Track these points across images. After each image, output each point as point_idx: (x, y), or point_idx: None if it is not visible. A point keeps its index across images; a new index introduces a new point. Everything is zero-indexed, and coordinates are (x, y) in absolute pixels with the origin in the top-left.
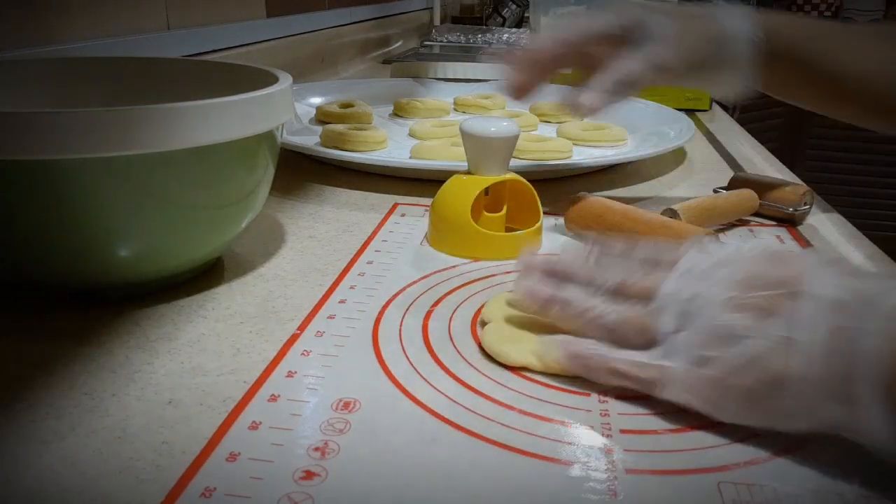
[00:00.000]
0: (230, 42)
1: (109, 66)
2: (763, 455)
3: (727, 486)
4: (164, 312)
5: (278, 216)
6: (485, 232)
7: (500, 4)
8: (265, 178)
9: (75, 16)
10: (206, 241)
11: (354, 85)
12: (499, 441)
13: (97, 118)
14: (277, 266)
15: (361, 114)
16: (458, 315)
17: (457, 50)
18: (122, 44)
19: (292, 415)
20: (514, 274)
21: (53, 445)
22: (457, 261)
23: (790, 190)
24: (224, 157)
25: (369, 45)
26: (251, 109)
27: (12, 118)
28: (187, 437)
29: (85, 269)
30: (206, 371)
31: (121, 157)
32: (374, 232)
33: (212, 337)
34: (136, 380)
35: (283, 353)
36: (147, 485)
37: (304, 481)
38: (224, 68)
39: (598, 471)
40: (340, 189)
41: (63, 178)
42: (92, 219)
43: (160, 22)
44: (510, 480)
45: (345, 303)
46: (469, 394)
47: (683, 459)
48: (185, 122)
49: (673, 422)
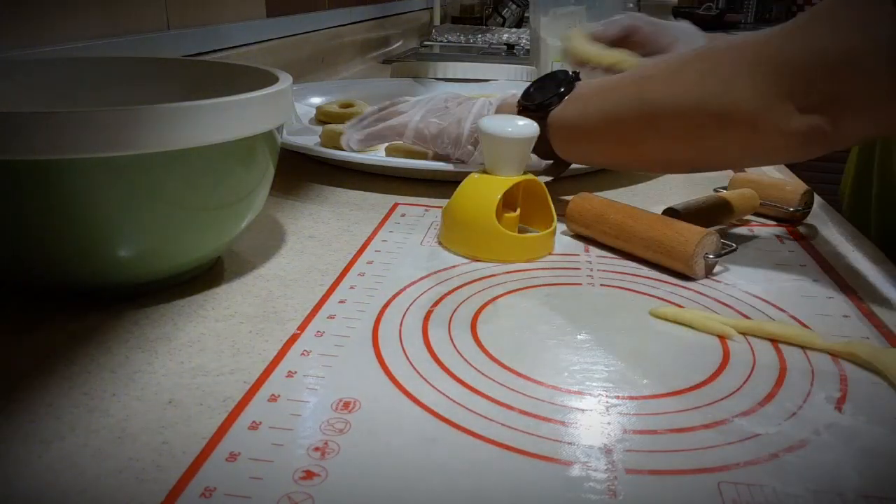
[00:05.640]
0: (230, 42)
1: (109, 66)
2: (763, 455)
3: (727, 486)
4: (164, 312)
5: (278, 216)
6: (507, 233)
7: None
8: (265, 179)
9: (75, 16)
10: (206, 241)
11: (354, 85)
12: (499, 441)
13: (97, 118)
14: (277, 266)
15: (361, 114)
16: (458, 315)
17: (457, 50)
18: (122, 44)
19: (292, 415)
20: (516, 274)
21: (53, 445)
22: (457, 260)
23: (790, 190)
24: (224, 157)
25: (369, 45)
26: (251, 109)
27: (12, 118)
28: (187, 437)
29: (85, 269)
30: (206, 371)
31: (121, 157)
32: (374, 232)
33: (212, 337)
34: (135, 380)
35: (283, 353)
36: (147, 485)
37: (304, 481)
38: (224, 68)
39: (598, 471)
40: (340, 189)
41: (63, 178)
42: (92, 219)
43: (160, 22)
44: (510, 480)
45: (345, 303)
46: (469, 394)
47: (683, 459)
48: (185, 122)
49: (673, 422)
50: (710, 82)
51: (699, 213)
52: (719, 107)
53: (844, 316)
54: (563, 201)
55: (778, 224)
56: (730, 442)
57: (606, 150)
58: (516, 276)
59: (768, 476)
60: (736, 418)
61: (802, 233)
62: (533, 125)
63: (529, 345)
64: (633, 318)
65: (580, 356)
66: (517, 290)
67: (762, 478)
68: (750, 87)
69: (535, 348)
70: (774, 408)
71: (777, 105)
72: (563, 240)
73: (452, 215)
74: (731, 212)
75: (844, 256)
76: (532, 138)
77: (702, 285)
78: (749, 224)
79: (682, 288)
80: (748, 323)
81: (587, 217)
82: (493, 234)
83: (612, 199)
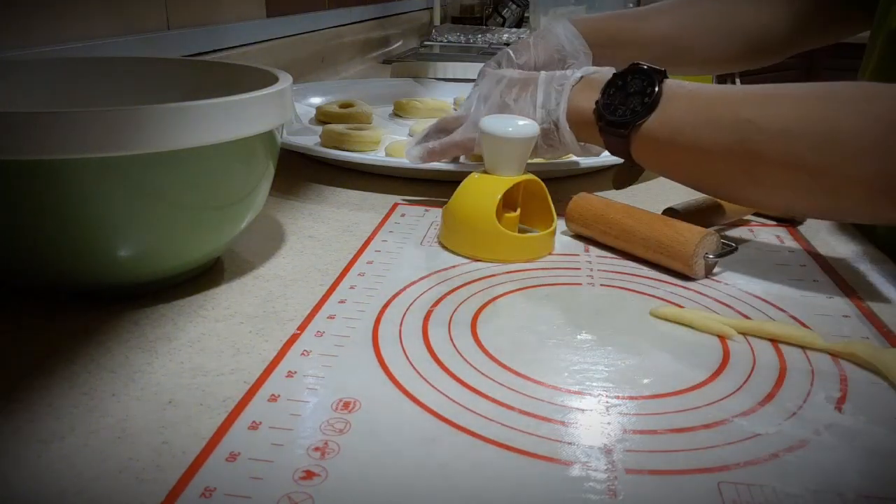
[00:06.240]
0: (230, 42)
1: (109, 66)
2: (763, 455)
3: (727, 486)
4: (164, 312)
5: (278, 216)
6: (507, 233)
7: (500, 4)
8: (265, 179)
9: (75, 15)
10: (206, 241)
11: (354, 85)
12: (499, 441)
13: (97, 118)
14: (277, 266)
15: (361, 114)
16: (458, 315)
17: (457, 50)
18: (122, 44)
19: (292, 415)
20: (516, 273)
21: (53, 445)
22: (457, 260)
23: None
24: (224, 157)
25: (369, 45)
26: (251, 109)
27: (12, 118)
28: (187, 437)
29: (85, 269)
30: (206, 371)
31: (121, 157)
32: (374, 232)
33: (212, 337)
34: (135, 380)
35: (283, 353)
36: (147, 485)
37: (304, 481)
38: (224, 68)
39: (598, 471)
40: (340, 189)
41: (63, 178)
42: (92, 219)
43: (160, 22)
44: (510, 480)
45: (345, 303)
46: (469, 394)
47: (683, 459)
48: (185, 122)
49: (673, 422)
50: (828, 150)
51: (699, 213)
52: (839, 177)
53: (844, 316)
54: (563, 201)
55: (778, 224)
56: (730, 442)
57: (693, 178)
58: (516, 276)
59: (768, 476)
60: (736, 418)
61: (802, 233)
62: (533, 125)
63: (529, 345)
64: (633, 318)
65: (580, 356)
66: (517, 290)
67: (762, 478)
68: (876, 162)
69: (535, 348)
70: (774, 408)
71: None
72: (563, 240)
73: (452, 215)
74: (731, 212)
75: (844, 256)
76: (532, 138)
77: (702, 285)
78: (749, 224)
79: (682, 288)
80: (748, 323)
81: (587, 217)
82: (494, 234)
83: (612, 199)
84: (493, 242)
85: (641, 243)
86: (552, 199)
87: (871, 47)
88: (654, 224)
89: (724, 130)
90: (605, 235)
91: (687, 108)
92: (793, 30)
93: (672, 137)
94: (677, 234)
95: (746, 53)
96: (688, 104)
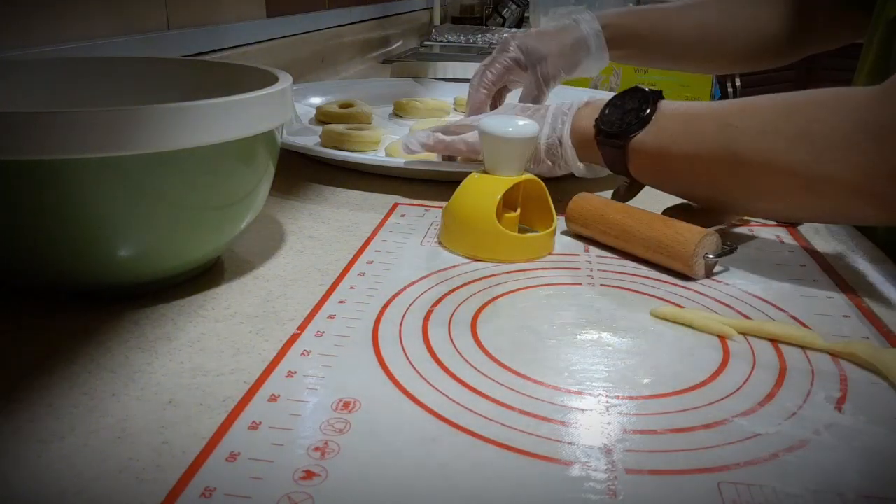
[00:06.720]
0: (230, 42)
1: (109, 66)
2: (763, 455)
3: (727, 486)
4: (164, 312)
5: (278, 216)
6: (507, 233)
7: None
8: (265, 179)
9: (75, 15)
10: (206, 241)
11: (354, 85)
12: (499, 441)
13: (97, 118)
14: (277, 266)
15: (361, 114)
16: (458, 315)
17: (457, 50)
18: (122, 44)
19: (292, 415)
20: (516, 273)
21: (53, 445)
22: (457, 260)
23: None
24: (224, 157)
25: (369, 45)
26: (251, 109)
27: (12, 118)
28: (187, 437)
29: (85, 269)
30: (206, 371)
31: (121, 157)
32: (374, 232)
33: (212, 337)
34: (135, 380)
35: (283, 353)
36: (147, 485)
37: (304, 481)
38: (224, 68)
39: (598, 471)
40: (340, 189)
41: (63, 178)
42: (92, 219)
43: (160, 22)
44: (510, 480)
45: (345, 303)
46: (469, 394)
47: (683, 459)
48: (185, 122)
49: (673, 422)
50: (802, 149)
51: (699, 213)
52: (812, 175)
53: (844, 316)
54: (563, 201)
55: (778, 224)
56: (730, 442)
57: (685, 187)
58: (516, 276)
59: (768, 476)
60: (736, 418)
61: (802, 232)
62: (533, 125)
63: (529, 345)
64: (633, 318)
65: (580, 356)
66: (517, 290)
67: (762, 478)
68: (846, 159)
69: (535, 348)
70: (774, 408)
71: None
72: (563, 240)
73: (452, 215)
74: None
75: (844, 256)
76: (532, 138)
77: (702, 285)
78: (749, 224)
79: (682, 288)
80: (748, 323)
81: (587, 217)
82: (494, 234)
83: (611, 199)
84: (493, 242)
85: (641, 243)
86: (552, 199)
87: (869, 40)
88: (654, 224)
89: (711, 137)
90: (605, 235)
91: (678, 121)
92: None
93: (665, 148)
94: (677, 234)
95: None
96: (679, 118)
